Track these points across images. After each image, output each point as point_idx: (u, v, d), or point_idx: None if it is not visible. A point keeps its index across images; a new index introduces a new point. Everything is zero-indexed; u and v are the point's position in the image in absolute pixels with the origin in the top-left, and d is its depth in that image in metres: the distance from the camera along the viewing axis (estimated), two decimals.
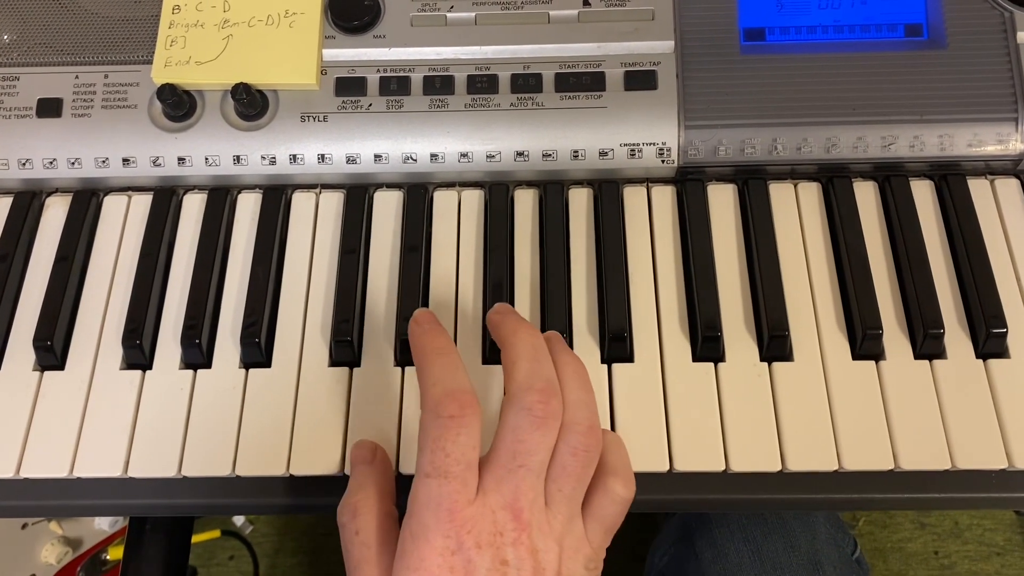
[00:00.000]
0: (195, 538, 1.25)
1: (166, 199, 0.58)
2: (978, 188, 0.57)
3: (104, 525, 1.01)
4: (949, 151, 0.56)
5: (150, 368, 0.53)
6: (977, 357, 0.52)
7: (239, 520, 1.29)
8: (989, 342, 0.51)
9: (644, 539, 1.24)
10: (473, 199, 0.58)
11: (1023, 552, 1.29)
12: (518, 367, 0.44)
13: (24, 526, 0.92)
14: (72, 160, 0.57)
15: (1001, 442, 0.49)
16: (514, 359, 0.44)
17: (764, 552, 0.70)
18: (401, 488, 0.47)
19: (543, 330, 0.53)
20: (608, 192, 0.57)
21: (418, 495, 0.41)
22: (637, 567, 1.00)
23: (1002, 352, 0.52)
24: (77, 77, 0.58)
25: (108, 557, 1.03)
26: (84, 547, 1.00)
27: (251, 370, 0.53)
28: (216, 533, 1.25)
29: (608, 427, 0.51)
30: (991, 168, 0.57)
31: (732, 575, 0.69)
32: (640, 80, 0.56)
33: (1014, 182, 0.57)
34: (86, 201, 0.58)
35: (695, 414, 0.51)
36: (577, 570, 0.42)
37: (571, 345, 0.53)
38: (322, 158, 0.57)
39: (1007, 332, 0.51)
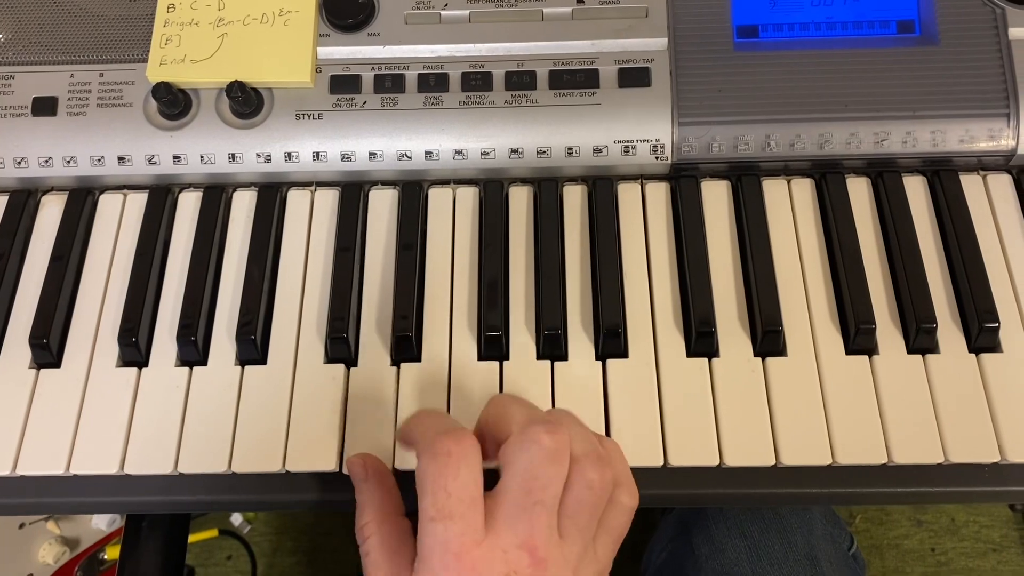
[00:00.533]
0: (193, 537, 1.26)
1: (161, 197, 0.58)
2: (970, 184, 0.57)
3: (102, 524, 1.01)
4: (941, 147, 0.56)
5: (146, 366, 0.54)
6: (970, 351, 0.52)
7: (237, 519, 1.29)
8: (981, 336, 0.52)
9: (641, 537, 1.25)
10: (468, 196, 0.58)
11: (1019, 548, 1.29)
12: (515, 412, 0.43)
13: (21, 526, 0.92)
14: (68, 159, 0.57)
15: (994, 436, 0.49)
16: (505, 413, 0.43)
17: (761, 548, 0.70)
18: (406, 486, 0.46)
19: (539, 327, 0.53)
20: (602, 189, 0.57)
21: (425, 541, 0.40)
22: (634, 565, 1.01)
23: (994, 346, 0.52)
24: (72, 76, 0.58)
25: (106, 557, 1.02)
26: (81, 547, 1.00)
27: (247, 367, 0.53)
28: (214, 532, 1.25)
29: (603, 422, 0.51)
30: (983, 164, 0.57)
31: (729, 571, 0.70)
32: (634, 77, 0.57)
33: (1006, 177, 0.57)
34: (81, 199, 0.58)
35: (689, 409, 0.51)
36: None
37: (566, 342, 0.53)
38: (317, 156, 0.57)
39: (999, 326, 0.52)
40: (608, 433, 0.50)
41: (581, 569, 0.41)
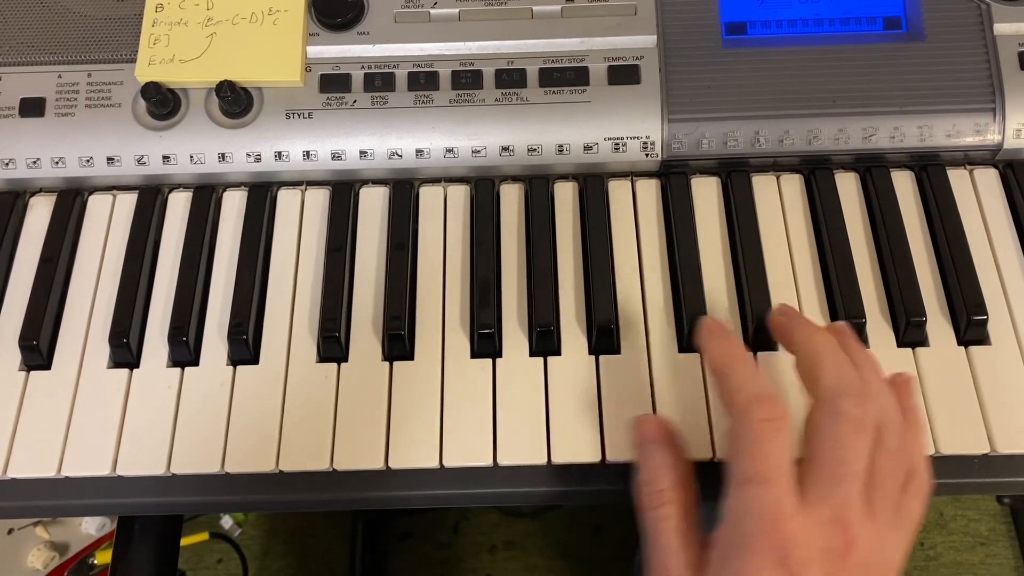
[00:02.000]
0: (183, 541, 1.25)
1: (151, 198, 0.58)
2: (958, 178, 0.57)
3: (91, 529, 1.00)
4: (928, 142, 0.56)
5: (137, 367, 0.53)
6: (959, 344, 0.53)
7: (227, 523, 1.28)
8: (970, 329, 0.52)
9: (631, 533, 1.25)
10: (459, 194, 0.58)
11: (1007, 542, 1.30)
12: (824, 372, 0.43)
13: (10, 531, 0.91)
14: (56, 159, 0.57)
15: (983, 427, 0.50)
16: (817, 364, 0.43)
17: None
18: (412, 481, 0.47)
19: (531, 324, 0.53)
20: (593, 186, 0.57)
21: (738, 502, 0.40)
22: (624, 562, 1.01)
23: (983, 339, 0.53)
24: (60, 76, 0.58)
25: (95, 562, 1.02)
26: (71, 552, 0.99)
27: (239, 367, 0.53)
28: (204, 536, 1.24)
29: (596, 417, 0.51)
30: (970, 158, 0.58)
31: None
32: (623, 74, 0.57)
33: (992, 172, 0.58)
34: (70, 200, 0.58)
35: (682, 404, 0.51)
36: None
37: (559, 338, 0.53)
38: (307, 155, 0.57)
39: (988, 319, 0.52)
40: (601, 429, 0.50)
41: (890, 555, 0.41)
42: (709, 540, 0.41)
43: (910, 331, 0.52)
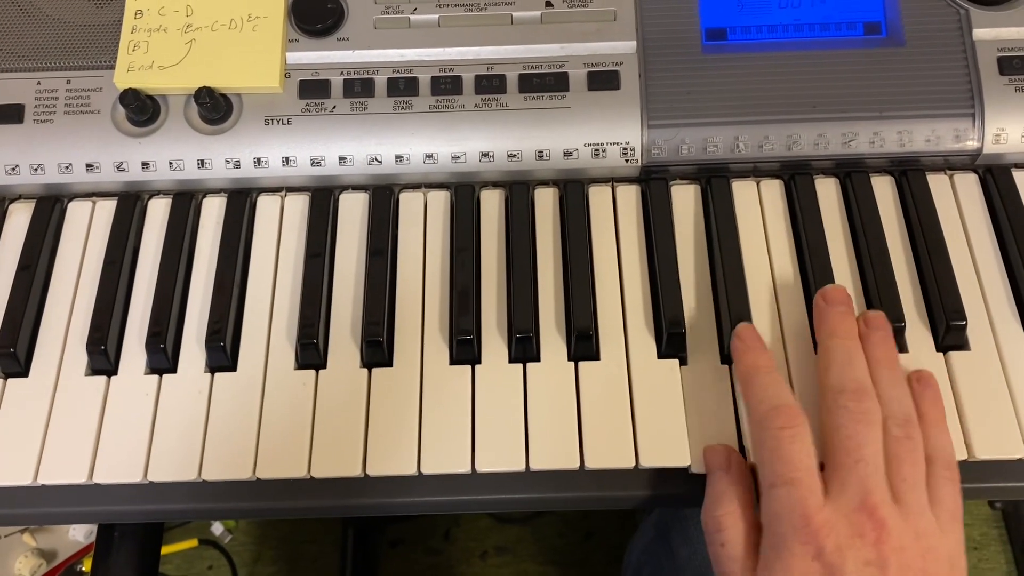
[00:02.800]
0: (173, 548, 1.25)
1: (130, 204, 0.58)
2: (937, 183, 0.57)
3: (79, 536, 1.00)
4: (908, 147, 0.56)
5: (115, 374, 0.53)
6: (938, 350, 0.52)
7: (217, 529, 1.28)
8: (949, 335, 0.52)
9: (621, 539, 1.25)
10: (439, 200, 0.58)
11: (999, 546, 1.30)
12: (830, 371, 0.47)
13: None
14: (35, 166, 0.57)
15: (961, 433, 0.50)
16: (828, 363, 0.47)
17: None
18: (391, 489, 0.46)
19: (511, 330, 0.53)
20: (573, 192, 0.57)
21: (770, 507, 0.43)
22: (615, 567, 1.01)
23: (962, 344, 0.53)
24: (39, 83, 0.58)
25: (83, 569, 1.01)
26: (58, 559, 0.99)
27: (217, 374, 0.53)
28: (194, 542, 1.24)
29: (575, 424, 0.51)
30: (950, 163, 0.58)
31: (708, 572, 0.70)
32: (603, 80, 0.57)
33: (972, 177, 0.58)
34: (49, 207, 0.58)
35: (661, 411, 0.51)
36: (941, 567, 0.42)
37: (538, 344, 0.53)
38: (286, 161, 0.57)
39: (967, 324, 0.52)
40: (580, 435, 0.50)
41: (926, 539, 0.42)
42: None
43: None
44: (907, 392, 0.47)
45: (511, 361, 0.53)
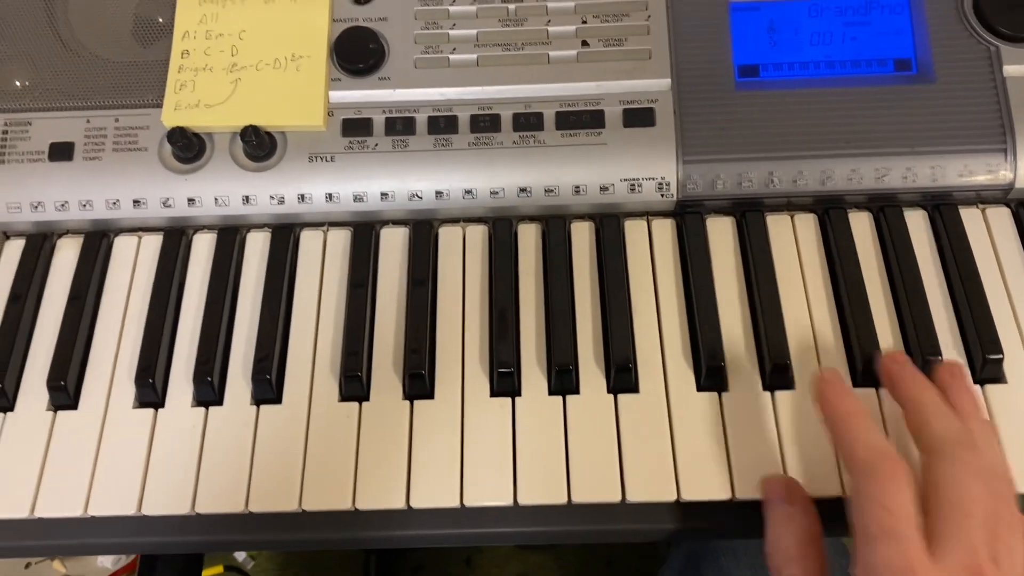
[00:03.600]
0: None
1: (176, 239, 0.59)
2: (970, 217, 0.58)
3: (107, 563, 1.01)
4: (941, 182, 0.57)
5: (162, 406, 0.54)
6: (975, 383, 0.53)
7: (241, 555, 1.28)
8: (986, 368, 0.53)
9: (643, 567, 1.24)
10: (477, 234, 0.59)
11: None
12: (932, 424, 0.45)
13: (27, 565, 0.91)
14: (83, 202, 0.58)
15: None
16: (925, 416, 0.45)
17: None
18: (432, 521, 0.46)
19: (550, 363, 0.53)
20: (609, 226, 0.58)
21: (870, 560, 0.40)
22: None
23: (998, 377, 0.53)
24: (88, 121, 0.59)
25: None
26: None
27: (262, 407, 0.54)
28: (219, 569, 1.25)
29: (616, 457, 0.51)
30: (982, 197, 0.59)
31: None
32: (638, 117, 0.58)
33: (1005, 211, 0.59)
34: (97, 242, 0.59)
35: (700, 443, 0.51)
36: None
37: (577, 377, 0.54)
38: (330, 197, 0.58)
39: (1003, 357, 0.52)
40: (621, 468, 0.51)
41: None
42: None
43: (926, 369, 0.52)
44: (999, 444, 0.46)
45: (551, 393, 0.53)
